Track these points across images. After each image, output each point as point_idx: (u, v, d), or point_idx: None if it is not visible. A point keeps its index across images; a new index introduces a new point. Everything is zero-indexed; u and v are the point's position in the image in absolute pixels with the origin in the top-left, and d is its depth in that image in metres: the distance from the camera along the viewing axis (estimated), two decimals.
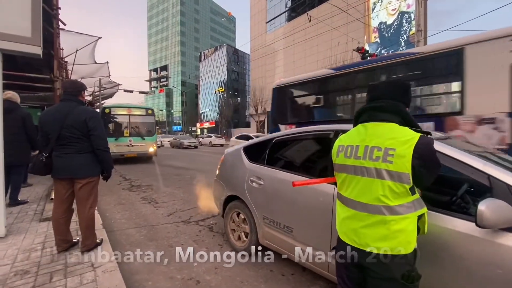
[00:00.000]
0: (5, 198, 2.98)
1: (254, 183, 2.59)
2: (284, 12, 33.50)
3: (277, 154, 2.67)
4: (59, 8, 5.57)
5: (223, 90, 41.78)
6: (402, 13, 21.90)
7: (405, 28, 21.65)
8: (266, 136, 2.88)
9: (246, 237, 2.73)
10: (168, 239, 3.18)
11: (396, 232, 1.06)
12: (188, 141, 24.02)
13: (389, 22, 22.79)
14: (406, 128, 1.11)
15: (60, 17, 5.83)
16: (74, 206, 2.57)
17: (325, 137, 2.13)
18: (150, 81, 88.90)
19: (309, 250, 2.02)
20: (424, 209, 1.13)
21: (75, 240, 2.66)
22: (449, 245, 1.32)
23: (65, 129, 2.35)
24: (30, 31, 3.00)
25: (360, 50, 13.21)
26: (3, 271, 2.19)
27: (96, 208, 2.98)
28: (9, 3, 2.89)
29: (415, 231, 1.10)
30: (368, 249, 1.11)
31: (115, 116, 10.52)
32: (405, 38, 21.53)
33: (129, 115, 10.77)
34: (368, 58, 13.81)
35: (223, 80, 61.06)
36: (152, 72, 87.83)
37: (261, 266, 2.55)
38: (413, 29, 20.50)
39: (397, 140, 1.06)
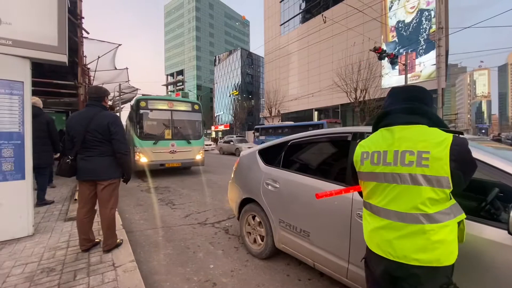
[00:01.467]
0: (33, 198, 3.15)
1: (269, 186, 2.58)
2: (298, 14, 33.37)
3: (293, 157, 2.65)
4: (83, 18, 5.86)
5: (237, 93, 42.28)
6: (421, 11, 21.19)
7: (424, 26, 20.93)
8: (281, 138, 2.86)
9: (262, 240, 2.72)
10: (185, 241, 3.22)
11: (436, 243, 0.98)
12: (247, 145, 17.36)
13: (407, 21, 22.11)
14: (437, 129, 1.03)
15: (83, 26, 6.13)
16: (97, 207, 2.67)
17: (342, 140, 2.09)
18: (166, 85, 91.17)
19: (326, 255, 1.98)
20: (463, 215, 1.04)
21: (97, 240, 2.76)
22: (477, 254, 1.24)
23: (89, 133, 2.46)
24: (56, 40, 3.18)
25: (377, 50, 12.93)
26: (30, 268, 2.30)
27: (116, 209, 3.08)
28: (38, 15, 3.07)
29: (456, 240, 1.01)
30: (405, 262, 1.01)
31: (153, 110, 7.87)
32: (425, 36, 20.80)
33: (171, 110, 8.06)
34: (386, 58, 13.48)
35: (238, 83, 61.64)
36: (168, 77, 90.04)
37: (277, 270, 2.52)
38: (434, 27, 19.77)
39: (430, 142, 0.99)
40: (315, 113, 30.67)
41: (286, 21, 35.19)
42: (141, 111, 7.72)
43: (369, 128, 1.86)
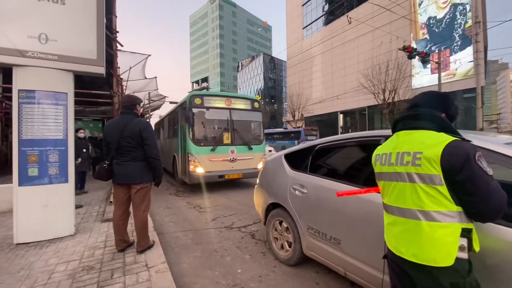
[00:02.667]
0: (74, 201, 3.40)
1: (296, 191, 2.54)
2: (321, 16, 32.96)
3: (321, 161, 2.59)
4: (117, 32, 6.28)
5: (260, 97, 42.74)
6: (455, 5, 19.88)
7: (459, 21, 19.58)
8: (308, 143, 2.81)
9: (290, 246, 2.67)
10: (212, 244, 3.27)
11: (432, 241, 1.01)
12: (267, 149, 13.33)
13: (439, 16, 20.85)
14: (441, 134, 1.08)
15: (117, 39, 6.58)
16: (131, 209, 2.81)
17: (374, 144, 2.00)
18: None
19: (359, 264, 1.90)
20: (471, 225, 1.04)
21: (131, 241, 2.90)
22: (509, 260, 1.17)
23: (123, 139, 2.61)
24: (96, 54, 3.44)
25: (407, 48, 12.32)
26: (72, 266, 2.47)
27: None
28: (79, 31, 3.35)
29: (456, 244, 1.00)
30: (406, 257, 1.08)
31: (209, 109, 6.57)
32: (460, 32, 19.44)
33: (229, 109, 6.74)
34: (416, 56, 12.80)
35: (260, 88, 62.07)
36: (194, 84, 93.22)
37: (306, 277, 2.46)
38: (469, 22, 18.43)
39: (426, 144, 1.06)
40: (340, 116, 29.86)
41: (308, 24, 34.90)
42: (196, 110, 6.38)
43: None
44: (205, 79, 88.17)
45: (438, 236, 1.00)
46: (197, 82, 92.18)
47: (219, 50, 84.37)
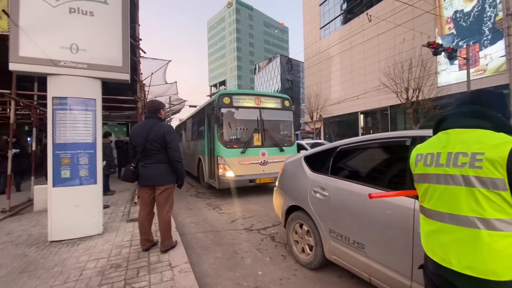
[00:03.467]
0: (102, 202, 3.57)
1: (317, 194, 2.50)
2: (339, 15, 32.37)
3: (343, 163, 2.53)
4: (140, 39, 6.56)
5: None
6: None
7: (489, 14, 18.40)
8: (329, 144, 2.77)
9: (311, 250, 2.63)
10: (233, 245, 3.30)
11: (493, 252, 0.89)
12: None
13: (466, 10, 19.72)
14: (501, 134, 0.97)
15: (140, 46, 6.87)
16: (155, 210, 2.91)
17: (400, 145, 1.93)
18: (210, 96, 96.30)
19: (385, 270, 1.83)
20: None
21: (155, 241, 3.00)
22: None
23: (148, 143, 2.72)
24: (121, 61, 3.61)
25: (431, 44, 11.77)
26: (101, 264, 2.60)
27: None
28: (106, 41, 3.54)
29: None
30: (458, 269, 0.95)
31: (239, 108, 6.34)
32: (490, 25, 18.26)
33: (259, 108, 6.50)
34: (442, 52, 12.19)
35: (278, 90, 61.95)
36: (212, 88, 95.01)
37: (328, 282, 2.41)
38: (500, 14, 17.26)
39: (486, 144, 0.94)
40: (361, 116, 29.04)
41: (326, 24, 34.39)
42: (225, 110, 6.15)
43: (429, 132, 1.74)
44: (222, 82, 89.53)
45: (500, 247, 0.89)
46: (215, 85, 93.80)
47: (236, 53, 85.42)
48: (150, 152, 2.73)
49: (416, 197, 1.23)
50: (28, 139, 10.29)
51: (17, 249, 3.01)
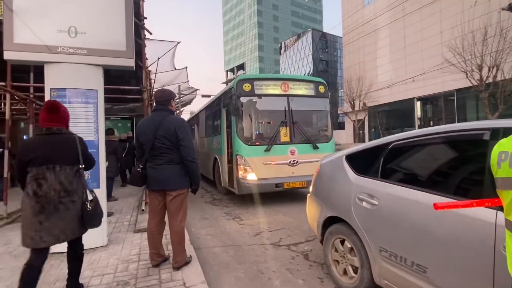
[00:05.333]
0: (106, 209, 3.77)
1: (364, 203, 2.43)
2: None
3: (397, 164, 2.45)
4: (146, 18, 6.79)
5: None
6: None
7: None
8: (379, 140, 2.68)
9: (355, 272, 2.58)
10: (257, 264, 3.33)
11: None
12: None
13: None
14: None
15: (145, 26, 7.11)
16: (166, 219, 3.02)
17: (475, 140, 1.81)
18: (226, 83, 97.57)
19: None
20: None
21: (167, 255, 3.11)
22: None
23: (157, 140, 2.81)
24: (125, 45, 3.76)
25: None
26: (107, 280, 2.75)
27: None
28: (108, 21, 3.70)
29: None
30: None
31: (262, 97, 6.31)
32: None
33: (287, 95, 6.44)
34: None
35: (309, 73, 61.20)
36: (228, 73, 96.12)
37: None
38: None
39: None
40: (418, 104, 27.80)
41: None
42: (245, 99, 6.15)
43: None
44: (241, 66, 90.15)
45: None
46: (232, 70, 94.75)
47: (257, 30, 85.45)
48: (159, 150, 2.82)
49: (499, 208, 1.16)
50: (24, 137, 11.12)
51: (16, 261, 3.28)
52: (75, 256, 2.48)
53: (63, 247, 3.39)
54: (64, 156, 2.22)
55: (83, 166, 2.32)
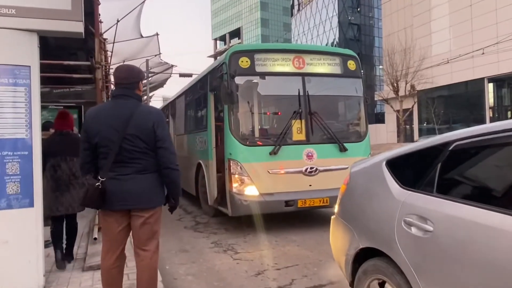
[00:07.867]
0: (43, 236, 3.77)
1: (413, 228, 2.44)
2: None
3: (462, 173, 2.48)
4: None
5: None
6: None
7: None
8: (432, 139, 2.68)
9: None
10: None
11: None
12: None
13: None
14: None
15: None
16: (127, 250, 3.01)
17: None
18: (215, 56, 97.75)
19: None
20: None
21: None
22: None
23: (126, 140, 2.72)
24: (70, 2, 3.75)
25: None
26: None
27: None
28: None
29: None
30: None
31: (266, 77, 6.30)
32: None
33: (301, 74, 6.36)
34: None
35: (333, 43, 61.26)
36: (217, 43, 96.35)
37: None
38: None
39: None
40: (489, 86, 27.88)
41: None
42: (242, 79, 6.13)
43: None
44: (236, 33, 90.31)
45: None
46: (222, 38, 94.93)
47: None
48: (128, 155, 2.75)
49: None
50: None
51: None
52: (72, 227, 4.68)
53: None
54: (72, 150, 4.17)
55: None
